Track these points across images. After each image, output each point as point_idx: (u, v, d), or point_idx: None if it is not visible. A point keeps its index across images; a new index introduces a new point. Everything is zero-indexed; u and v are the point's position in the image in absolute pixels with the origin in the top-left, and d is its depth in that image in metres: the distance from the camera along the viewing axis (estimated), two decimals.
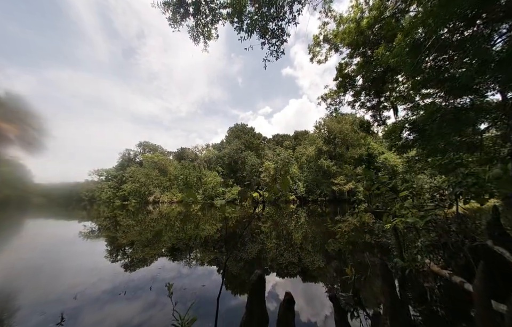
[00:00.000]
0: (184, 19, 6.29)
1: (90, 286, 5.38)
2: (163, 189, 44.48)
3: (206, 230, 12.59)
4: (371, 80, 12.09)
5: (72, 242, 10.35)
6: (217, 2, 6.28)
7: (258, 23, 5.79)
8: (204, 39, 6.85)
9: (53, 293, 4.92)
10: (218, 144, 60.93)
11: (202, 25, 6.57)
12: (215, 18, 6.50)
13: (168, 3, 5.85)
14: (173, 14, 6.04)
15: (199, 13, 6.30)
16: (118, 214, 22.89)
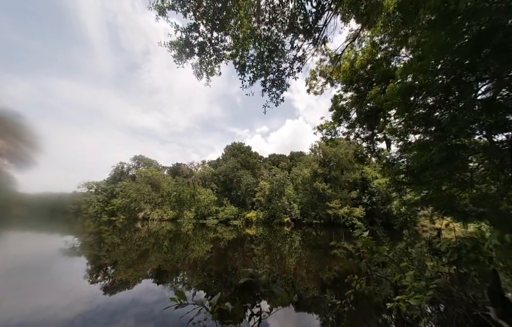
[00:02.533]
0: (189, 58, 6.54)
1: (62, 309, 4.82)
2: (154, 205, 43.01)
3: (195, 252, 11.91)
4: (364, 114, 12.66)
5: (51, 259, 9.55)
6: (221, 44, 6.62)
7: (260, 76, 6.04)
8: (206, 75, 7.11)
9: (18, 316, 4.34)
10: (215, 161, 60.70)
11: (206, 63, 6.86)
12: (219, 58, 6.80)
13: (174, 44, 6.10)
14: (179, 53, 6.27)
15: (204, 53, 6.60)
16: (103, 230, 21.68)
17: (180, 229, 23.99)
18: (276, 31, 5.85)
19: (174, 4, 5.76)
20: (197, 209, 40.42)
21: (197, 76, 7.03)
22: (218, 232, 21.85)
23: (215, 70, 7.16)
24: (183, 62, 6.57)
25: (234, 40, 6.58)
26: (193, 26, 6.27)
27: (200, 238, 17.76)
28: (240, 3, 5.61)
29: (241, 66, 5.86)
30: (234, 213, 38.61)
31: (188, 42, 6.32)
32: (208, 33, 6.45)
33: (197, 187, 46.16)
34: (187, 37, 6.31)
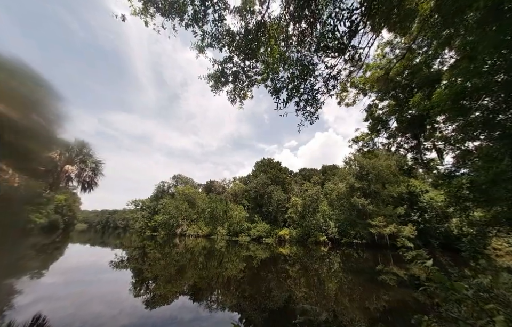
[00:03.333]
0: (224, 86, 7.19)
1: (110, 319, 5.25)
2: (191, 221, 45.44)
3: (229, 270, 11.91)
4: (406, 122, 11.53)
5: (103, 270, 10.72)
6: (253, 71, 7.13)
7: (293, 96, 6.15)
8: (240, 100, 7.66)
9: (77, 320, 4.88)
10: (245, 177, 61.88)
11: (239, 89, 7.46)
12: (251, 83, 7.32)
13: (211, 76, 6.87)
14: (215, 83, 6.96)
15: (237, 80, 7.22)
16: (146, 245, 23.65)
17: (213, 246, 24.57)
18: (305, 52, 5.94)
19: (212, 42, 6.37)
20: (229, 225, 41.12)
21: (231, 101, 7.53)
22: (250, 250, 21.63)
23: (248, 94, 7.61)
24: (219, 90, 7.18)
25: (264, 65, 6.98)
26: (228, 58, 6.84)
27: (233, 255, 17.80)
28: (270, 33, 5.89)
29: (275, 89, 6.03)
30: (266, 231, 37.94)
31: (224, 73, 6.91)
32: (241, 63, 6.96)
33: (229, 203, 47.33)
34: (223, 68, 6.90)
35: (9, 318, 4.69)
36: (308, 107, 5.75)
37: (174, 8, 5.72)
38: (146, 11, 5.68)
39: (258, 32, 6.49)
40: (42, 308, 5.43)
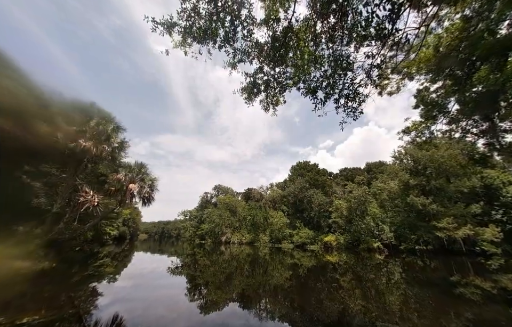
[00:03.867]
0: (256, 96, 7.44)
1: (170, 322, 5.76)
2: (233, 229, 47.21)
3: (275, 278, 11.77)
4: (472, 102, 9.55)
5: (162, 275, 11.99)
6: (284, 76, 7.18)
7: (332, 94, 5.87)
8: (272, 107, 7.76)
9: (145, 322, 5.52)
10: (282, 183, 61.21)
11: (272, 96, 7.58)
12: (283, 89, 7.38)
13: (245, 89, 7.19)
14: (248, 95, 7.26)
15: (269, 88, 7.39)
16: (196, 252, 25.54)
17: (257, 253, 24.79)
18: (336, 47, 5.63)
19: (242, 57, 6.67)
20: (271, 232, 40.98)
21: (265, 109, 7.66)
22: (295, 258, 20.98)
23: (280, 100, 7.64)
24: (252, 101, 7.40)
25: (295, 69, 6.93)
26: (259, 69, 7.03)
27: (278, 263, 17.56)
28: (299, 35, 5.82)
29: (310, 90, 5.86)
30: (310, 237, 36.30)
31: (255, 84, 7.12)
32: (271, 70, 7.06)
33: (268, 210, 47.36)
34: (254, 79, 7.12)
35: (96, 317, 5.64)
36: (350, 103, 5.34)
37: (207, 34, 6.21)
38: (185, 42, 6.31)
39: (286, 37, 6.49)
40: (119, 308, 6.36)
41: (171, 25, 5.92)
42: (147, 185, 19.64)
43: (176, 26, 6.01)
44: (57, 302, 6.43)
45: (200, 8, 5.85)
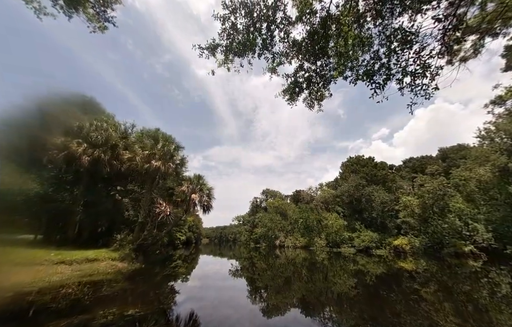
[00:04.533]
0: (299, 95, 7.26)
1: (235, 322, 6.05)
2: (286, 233, 46.72)
3: (338, 285, 10.90)
4: None
5: (225, 277, 12.90)
6: (327, 68, 6.79)
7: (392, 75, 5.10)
8: (317, 103, 7.42)
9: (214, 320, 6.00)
10: (333, 182, 56.89)
11: (315, 92, 7.23)
12: (327, 82, 6.96)
13: (286, 90, 7.12)
14: (291, 95, 7.19)
15: (311, 84, 7.08)
16: (253, 256, 26.45)
17: (314, 258, 23.66)
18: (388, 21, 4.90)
19: (281, 60, 6.67)
20: (326, 235, 38.48)
21: (309, 107, 7.39)
22: (359, 264, 18.95)
23: (325, 94, 7.22)
24: (295, 100, 7.26)
25: (338, 57, 6.44)
26: (299, 67, 6.86)
27: (339, 269, 16.24)
28: (341, 20, 5.40)
29: (365, 74, 5.29)
30: (374, 240, 32.19)
31: (297, 83, 6.97)
32: (312, 66, 6.77)
33: (321, 211, 44.72)
34: (295, 79, 6.99)
35: (176, 312, 6.51)
36: (418, 80, 4.50)
37: (246, 46, 6.49)
38: (227, 59, 6.76)
39: (325, 27, 6.12)
40: (192, 306, 7.16)
41: (214, 47, 6.47)
42: (205, 194, 21.83)
43: (219, 47, 6.52)
44: (148, 298, 7.78)
45: (238, 24, 6.20)
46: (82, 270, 10.81)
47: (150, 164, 18.57)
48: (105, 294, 7.54)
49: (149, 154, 19.22)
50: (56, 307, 5.97)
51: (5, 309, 5.63)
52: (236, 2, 5.86)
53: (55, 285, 8.07)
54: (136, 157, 19.72)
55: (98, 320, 5.22)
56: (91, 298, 6.92)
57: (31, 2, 6.62)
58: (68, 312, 5.57)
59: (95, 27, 7.45)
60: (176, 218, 21.34)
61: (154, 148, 19.67)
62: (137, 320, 5.39)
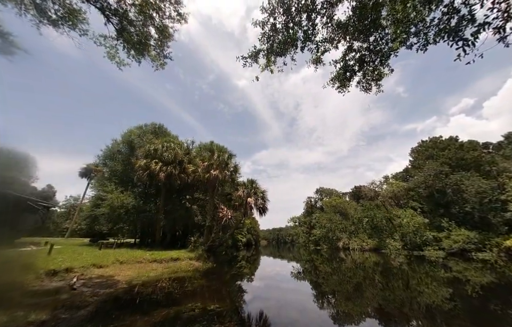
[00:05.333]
0: (351, 79, 6.59)
1: (304, 326, 5.83)
2: (349, 234, 42.54)
3: (425, 295, 9.04)
4: None
5: (286, 279, 12.79)
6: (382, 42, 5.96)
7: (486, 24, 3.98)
8: (375, 83, 6.62)
9: (282, 322, 5.98)
10: (402, 173, 48.13)
11: (371, 72, 6.43)
12: (385, 56, 6.13)
13: (336, 78, 6.59)
14: (341, 82, 6.59)
15: (365, 64, 6.28)
16: (314, 258, 25.29)
17: (388, 262, 20.54)
18: None
19: (326, 47, 6.25)
20: (402, 236, 32.80)
21: (365, 90, 6.62)
22: (453, 270, 15.25)
23: (384, 71, 6.29)
24: (346, 87, 6.65)
25: (394, 26, 5.49)
26: (348, 49, 6.27)
27: (424, 276, 13.49)
28: None
29: (448, 32, 4.31)
30: (473, 241, 25.30)
31: (347, 66, 6.37)
32: (364, 43, 6.04)
33: (391, 208, 38.54)
34: (345, 62, 6.41)
35: (246, 310, 6.87)
36: None
37: (288, 43, 6.38)
38: (270, 61, 6.82)
39: None
40: (259, 305, 7.40)
41: (256, 54, 6.64)
42: (260, 197, 22.57)
43: (260, 52, 6.66)
44: (222, 295, 8.57)
45: (277, 24, 6.18)
46: (169, 267, 12.98)
47: (209, 174, 20.76)
48: (189, 289, 8.75)
49: (208, 165, 21.51)
50: (156, 298, 7.35)
51: (121, 297, 7.34)
52: (274, 2, 5.86)
53: (152, 279, 9.97)
54: (198, 169, 22.49)
55: (188, 312, 6.08)
56: (179, 292, 8.17)
57: (113, 59, 8.58)
58: (165, 303, 6.75)
59: (157, 66, 9.02)
60: (237, 221, 22.89)
61: (211, 159, 21.91)
62: (216, 315, 5.99)
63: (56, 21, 7.69)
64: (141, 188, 26.87)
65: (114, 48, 8.38)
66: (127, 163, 25.71)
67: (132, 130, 28.37)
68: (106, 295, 7.25)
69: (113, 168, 26.70)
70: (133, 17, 8.05)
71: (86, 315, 5.50)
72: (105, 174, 28.84)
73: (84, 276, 8.82)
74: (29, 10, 7.44)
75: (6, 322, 4.55)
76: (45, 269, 8.26)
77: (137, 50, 8.47)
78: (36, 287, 6.95)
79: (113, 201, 21.14)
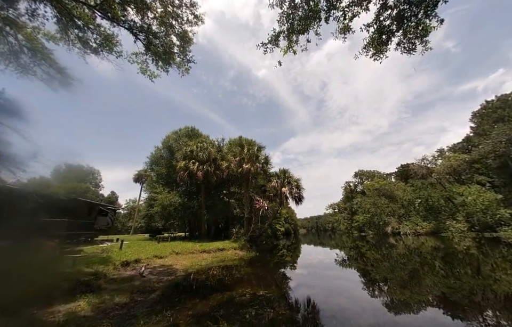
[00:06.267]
0: (389, 42, 5.93)
1: (355, 314, 5.62)
2: (399, 218, 38.62)
3: (502, 283, 7.70)
4: None
5: (331, 267, 12.48)
6: None
7: None
8: (420, 41, 5.79)
9: (330, 309, 5.91)
10: (461, 144, 40.74)
11: (414, 28, 5.62)
12: (431, 7, 5.29)
13: (370, 44, 6.05)
14: (377, 47, 6.02)
15: (405, 20, 5.59)
16: (359, 245, 23.94)
17: (451, 246, 18.06)
18: None
19: (355, 11, 5.76)
20: (467, 216, 28.27)
21: (408, 51, 5.81)
22: None
23: (431, 24, 5.41)
24: (383, 52, 6.00)
25: None
26: (381, 8, 5.64)
27: (501, 260, 11.45)
28: None
29: None
30: None
31: (382, 28, 5.76)
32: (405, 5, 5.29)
33: (450, 186, 33.33)
34: (379, 23, 5.75)
35: (293, 297, 7.01)
36: None
37: (309, 17, 5.98)
38: (291, 42, 6.52)
39: None
40: (305, 292, 7.43)
41: (276, 37, 6.42)
42: (294, 186, 22.27)
43: (281, 34, 6.41)
44: (268, 282, 8.92)
45: None
46: (217, 256, 14.12)
47: (242, 168, 21.41)
48: (237, 276, 9.40)
49: (240, 159, 22.19)
50: (209, 284, 8.13)
51: (181, 283, 8.35)
52: None
53: (204, 267, 11.01)
54: (231, 164, 23.42)
55: (239, 297, 6.56)
56: (229, 279, 8.85)
57: (145, 72, 9.51)
58: (218, 289, 7.42)
59: (183, 72, 9.63)
60: (273, 211, 23.20)
61: (242, 153, 22.51)
62: (265, 300, 6.31)
63: (97, 49, 8.94)
64: (184, 188, 29.51)
65: (145, 62, 9.26)
66: (170, 166, 28.50)
67: (169, 136, 31.22)
68: (168, 281, 8.34)
69: (159, 171, 29.98)
70: (156, 29, 8.71)
71: (155, 298, 6.46)
72: (153, 178, 32.64)
73: (149, 266, 10.31)
74: (75, 45, 8.78)
75: (99, 303, 5.69)
76: (120, 260, 9.93)
77: (163, 60, 9.15)
78: (116, 276, 8.43)
79: (163, 200, 23.84)
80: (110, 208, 19.42)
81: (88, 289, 6.40)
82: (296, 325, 5.06)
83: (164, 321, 4.87)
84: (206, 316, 5.18)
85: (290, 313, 5.59)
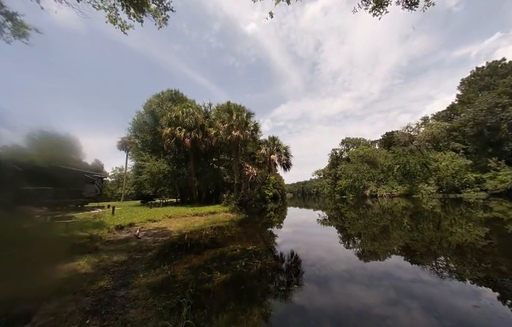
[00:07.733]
0: None
1: (331, 262, 6.53)
2: (377, 182, 41.64)
3: (456, 235, 9.05)
4: None
5: (313, 225, 13.76)
6: None
7: None
8: None
9: (310, 259, 6.80)
10: (445, 112, 42.42)
11: None
12: None
13: None
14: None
15: None
16: (340, 206, 26.02)
17: (419, 206, 20.20)
18: None
19: None
20: (438, 180, 31.05)
21: (409, 6, 5.60)
22: (493, 211, 14.50)
23: None
24: (384, 6, 5.72)
25: None
26: None
27: (459, 217, 13.19)
28: None
29: None
30: None
31: None
32: None
33: (427, 152, 35.65)
34: None
35: (279, 250, 7.84)
36: None
37: None
38: None
39: None
40: (289, 247, 8.32)
41: None
42: (282, 153, 22.81)
43: None
44: (256, 239, 9.77)
45: None
46: (209, 219, 14.92)
47: (231, 135, 21.27)
48: (228, 235, 10.18)
49: (228, 126, 21.87)
50: (203, 242, 8.80)
51: (176, 242, 8.94)
52: None
53: (197, 229, 11.71)
54: (219, 131, 23.09)
55: (231, 252, 7.27)
56: (221, 237, 9.59)
57: (115, 22, 7.99)
58: (211, 246, 8.10)
59: (160, 22, 8.22)
60: (262, 178, 24.00)
61: (230, 120, 22.09)
62: (254, 253, 7.06)
63: None
64: (172, 155, 29.08)
65: (113, 9, 7.87)
66: (155, 132, 27.40)
67: (151, 100, 29.04)
68: (164, 241, 8.91)
69: (144, 138, 28.77)
70: None
71: (152, 255, 6.98)
72: (138, 145, 31.48)
73: (144, 228, 10.78)
74: None
75: (98, 262, 6.07)
76: (114, 225, 10.26)
77: (135, 5, 7.75)
78: (111, 238, 8.82)
79: (151, 168, 23.57)
80: (97, 176, 19.05)
81: (85, 251, 6.73)
82: (281, 272, 5.82)
83: (162, 274, 5.39)
84: (201, 268, 5.78)
85: (276, 263, 6.37)
